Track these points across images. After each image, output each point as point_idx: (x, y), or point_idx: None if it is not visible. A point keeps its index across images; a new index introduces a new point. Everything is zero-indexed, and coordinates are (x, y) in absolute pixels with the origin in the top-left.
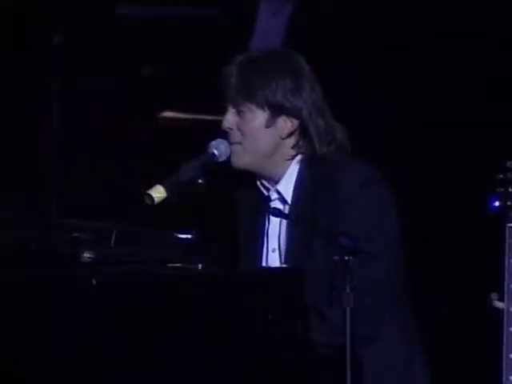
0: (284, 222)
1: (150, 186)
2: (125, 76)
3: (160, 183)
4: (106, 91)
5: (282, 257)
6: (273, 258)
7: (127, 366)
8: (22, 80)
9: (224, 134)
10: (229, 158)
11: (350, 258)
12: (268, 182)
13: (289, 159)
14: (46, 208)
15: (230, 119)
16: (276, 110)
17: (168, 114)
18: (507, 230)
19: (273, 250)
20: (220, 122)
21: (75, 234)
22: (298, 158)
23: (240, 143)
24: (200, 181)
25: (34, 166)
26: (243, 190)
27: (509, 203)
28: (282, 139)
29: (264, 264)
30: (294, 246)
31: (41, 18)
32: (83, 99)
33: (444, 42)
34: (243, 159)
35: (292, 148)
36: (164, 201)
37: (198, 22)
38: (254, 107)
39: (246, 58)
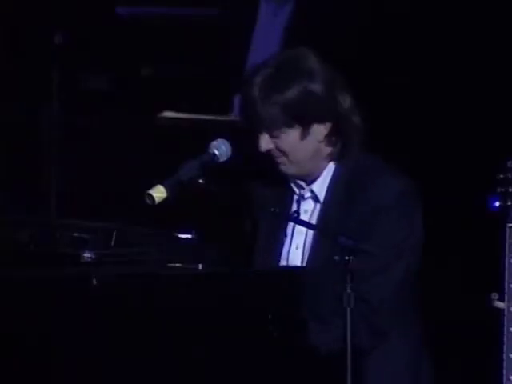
0: (313, 220)
1: (150, 186)
2: (125, 76)
3: (160, 183)
4: (106, 91)
5: (305, 255)
6: (295, 255)
7: (127, 365)
8: (22, 80)
9: (225, 135)
10: (229, 159)
11: (351, 257)
12: (303, 181)
13: (327, 158)
14: (45, 208)
15: (266, 143)
16: (305, 123)
17: (168, 113)
18: (507, 229)
19: (296, 247)
20: (220, 122)
21: (75, 234)
22: (335, 158)
23: (284, 156)
24: (200, 181)
25: (34, 165)
26: (263, 189)
27: (509, 203)
28: (320, 142)
29: (285, 260)
30: (318, 246)
31: (41, 17)
32: (83, 99)
33: (446, 41)
34: (291, 170)
35: (330, 147)
36: (164, 200)
37: (197, 22)
38: (284, 128)
39: (263, 78)
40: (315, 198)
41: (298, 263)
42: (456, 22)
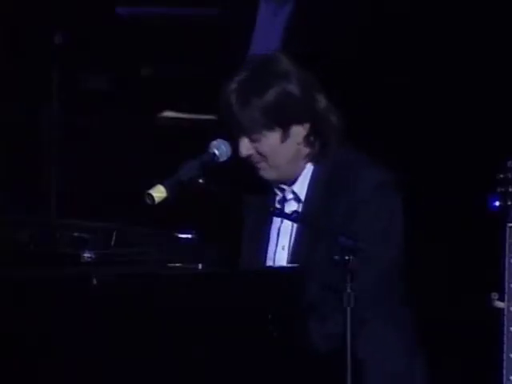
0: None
1: (150, 186)
2: (125, 76)
3: (160, 183)
4: (106, 91)
5: (290, 255)
6: (281, 255)
7: (127, 365)
8: (22, 80)
9: (225, 135)
10: (229, 158)
11: (351, 257)
12: (284, 183)
13: (306, 160)
14: (45, 208)
15: (246, 147)
16: (285, 125)
17: (168, 113)
18: (507, 229)
19: (282, 248)
20: (220, 122)
21: (75, 234)
22: (314, 159)
23: (264, 161)
24: (200, 181)
25: (34, 165)
26: (250, 192)
27: (509, 203)
28: (299, 144)
29: (271, 261)
30: (300, 244)
31: (41, 17)
32: (83, 99)
33: (446, 41)
34: (271, 175)
35: (309, 148)
36: (164, 200)
37: (197, 22)
38: (264, 131)
39: (239, 83)
40: (297, 199)
41: (284, 264)
42: (456, 21)
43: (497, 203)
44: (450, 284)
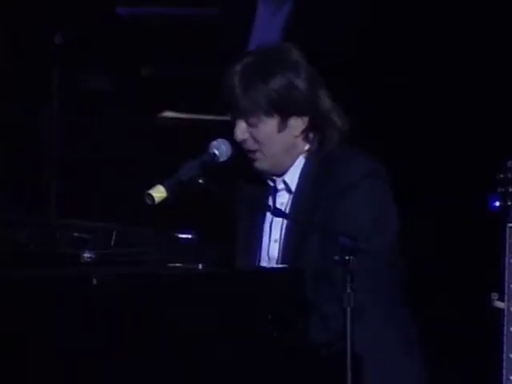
0: (287, 211)
1: (150, 186)
2: (125, 76)
3: (160, 183)
4: (106, 91)
5: (281, 247)
6: (273, 249)
7: (127, 365)
8: (22, 80)
9: (224, 135)
10: (229, 158)
11: (351, 257)
12: (275, 175)
13: (302, 154)
14: (45, 208)
15: (242, 131)
16: (284, 113)
17: (168, 113)
18: (507, 229)
19: (275, 241)
20: (220, 122)
21: (75, 234)
22: (310, 153)
23: (258, 150)
24: (200, 181)
25: (34, 165)
26: (244, 186)
27: (509, 203)
28: (296, 137)
29: (265, 254)
30: (291, 238)
31: (41, 17)
32: (83, 99)
33: (446, 41)
34: (265, 164)
35: (306, 143)
36: (164, 200)
37: (197, 22)
38: (263, 117)
39: (245, 65)
40: (288, 190)
41: (276, 256)
42: (456, 21)
43: (497, 203)
44: (449, 284)
